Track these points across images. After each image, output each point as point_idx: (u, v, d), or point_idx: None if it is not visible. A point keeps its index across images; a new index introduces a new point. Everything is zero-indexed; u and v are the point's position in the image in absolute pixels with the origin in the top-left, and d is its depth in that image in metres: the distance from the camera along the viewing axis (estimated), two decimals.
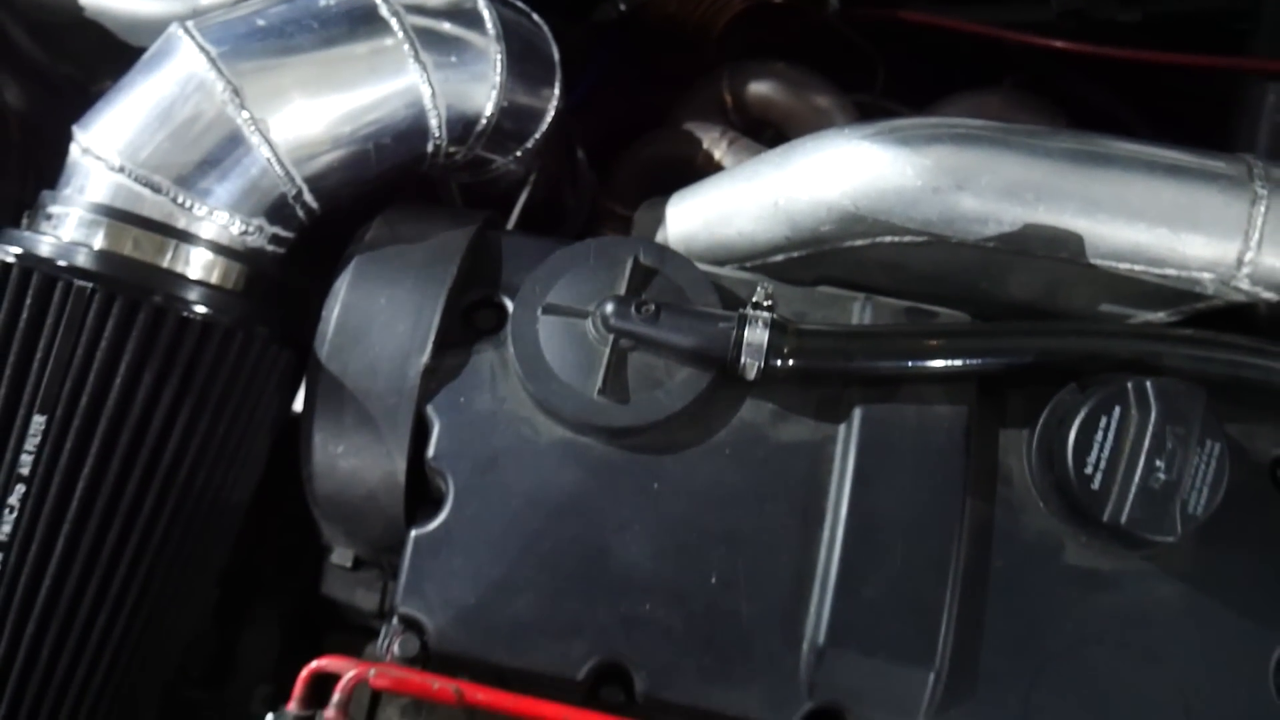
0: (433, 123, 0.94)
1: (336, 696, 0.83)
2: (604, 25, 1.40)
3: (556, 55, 1.05)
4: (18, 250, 0.82)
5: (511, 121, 1.01)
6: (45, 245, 0.83)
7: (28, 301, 0.80)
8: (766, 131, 1.26)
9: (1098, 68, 1.32)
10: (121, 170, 0.85)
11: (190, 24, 0.88)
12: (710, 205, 1.01)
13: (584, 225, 1.28)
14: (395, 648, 0.86)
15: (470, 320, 0.91)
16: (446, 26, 0.94)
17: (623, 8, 1.37)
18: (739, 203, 0.97)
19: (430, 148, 0.96)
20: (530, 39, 1.03)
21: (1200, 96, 1.24)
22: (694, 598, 0.83)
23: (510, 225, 1.13)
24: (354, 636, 1.08)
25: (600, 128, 1.37)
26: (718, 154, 1.17)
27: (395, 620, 0.87)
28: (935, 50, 1.39)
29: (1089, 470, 0.80)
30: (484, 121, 0.98)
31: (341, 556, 0.99)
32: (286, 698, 0.84)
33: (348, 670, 0.83)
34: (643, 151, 1.24)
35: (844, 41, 1.39)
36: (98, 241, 0.84)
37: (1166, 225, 0.85)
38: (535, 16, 1.05)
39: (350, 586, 1.03)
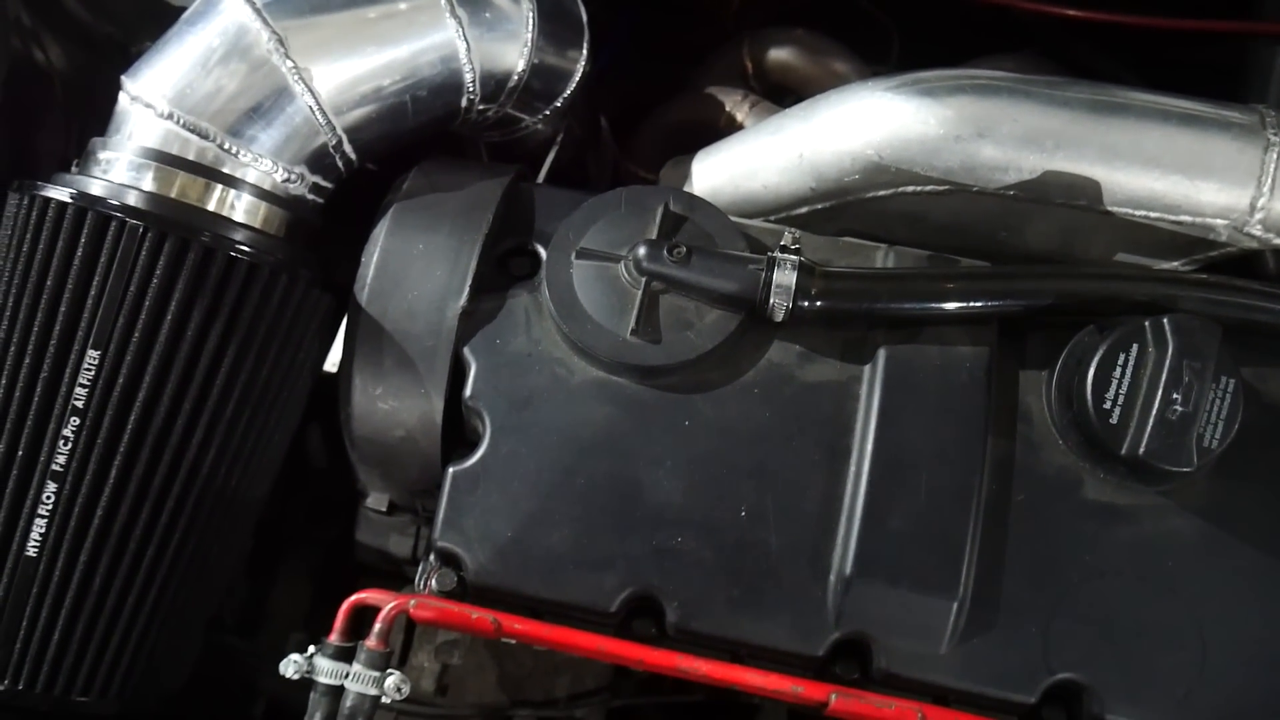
0: (467, 78, 0.97)
1: (378, 626, 0.86)
2: (627, 2, 1.43)
3: (585, 18, 1.08)
4: (71, 191, 0.84)
5: (541, 81, 1.04)
6: (96, 186, 0.86)
7: (82, 240, 0.82)
8: (787, 98, 1.29)
9: (1109, 38, 1.35)
10: (170, 117, 0.88)
11: None
12: (735, 160, 1.03)
13: (607, 189, 1.30)
14: (433, 581, 0.89)
15: (505, 266, 0.94)
16: None
17: None
18: (764, 157, 1.00)
19: (464, 103, 0.99)
20: (561, 1, 1.05)
21: (1209, 64, 1.27)
22: (724, 531, 0.85)
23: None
24: (387, 583, 1.11)
25: (620, 97, 1.40)
26: (740, 116, 1.20)
27: (432, 557, 0.90)
28: (949, 21, 1.41)
29: (1107, 405, 0.82)
30: (515, 79, 1.01)
31: (377, 501, 1.01)
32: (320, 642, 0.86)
33: (388, 602, 0.86)
34: (666, 116, 1.27)
35: (860, 14, 1.41)
36: (147, 184, 0.86)
37: (1182, 172, 0.88)
38: None
39: (384, 532, 1.05)
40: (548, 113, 1.08)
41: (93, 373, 0.82)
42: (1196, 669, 0.83)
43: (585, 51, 1.08)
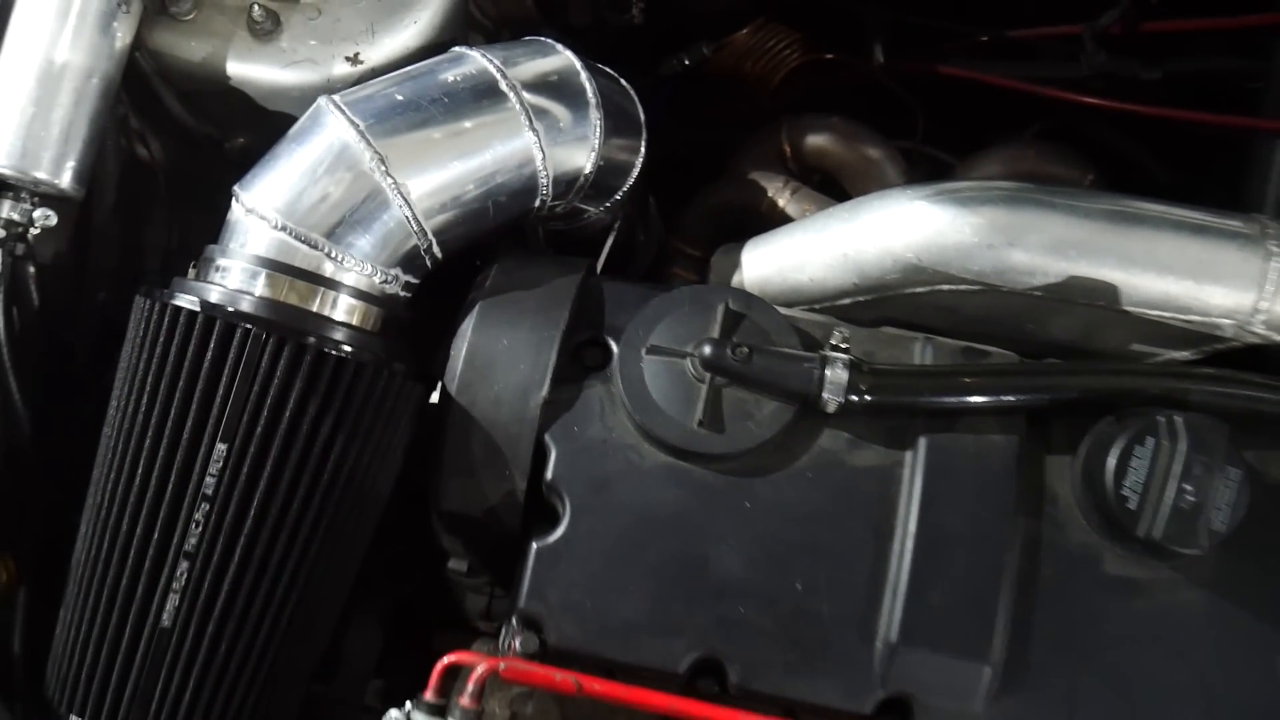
0: (542, 181, 1.07)
1: (471, 687, 0.95)
2: (668, 78, 1.53)
3: (643, 117, 1.18)
4: (197, 300, 0.94)
5: (604, 176, 1.13)
6: (215, 293, 0.96)
7: (211, 345, 0.92)
8: (815, 176, 1.38)
9: (1119, 118, 1.45)
10: (281, 229, 0.97)
11: (337, 98, 1.01)
12: (784, 253, 1.13)
13: (653, 262, 1.40)
14: (517, 644, 0.98)
15: (579, 357, 1.03)
16: (555, 98, 1.07)
17: (687, 62, 1.50)
18: (810, 252, 1.10)
19: (538, 203, 1.09)
20: (622, 104, 1.15)
21: (1216, 143, 1.37)
22: (781, 601, 0.95)
23: (599, 267, 1.25)
24: (458, 636, 1.20)
25: (659, 161, 1.49)
26: (781, 202, 1.29)
27: (515, 621, 1.00)
28: (970, 98, 1.51)
29: (1126, 492, 0.92)
30: (583, 178, 1.11)
31: (458, 563, 1.11)
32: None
33: (479, 663, 0.96)
34: (711, 198, 1.37)
35: (888, 92, 1.51)
36: (260, 289, 0.96)
37: (1192, 278, 0.98)
38: (624, 83, 1.17)
39: (462, 590, 1.15)
40: (609, 204, 1.18)
41: (221, 463, 0.92)
42: None
43: (643, 148, 1.18)
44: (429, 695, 0.96)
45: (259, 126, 1.12)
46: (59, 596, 1.00)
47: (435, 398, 1.04)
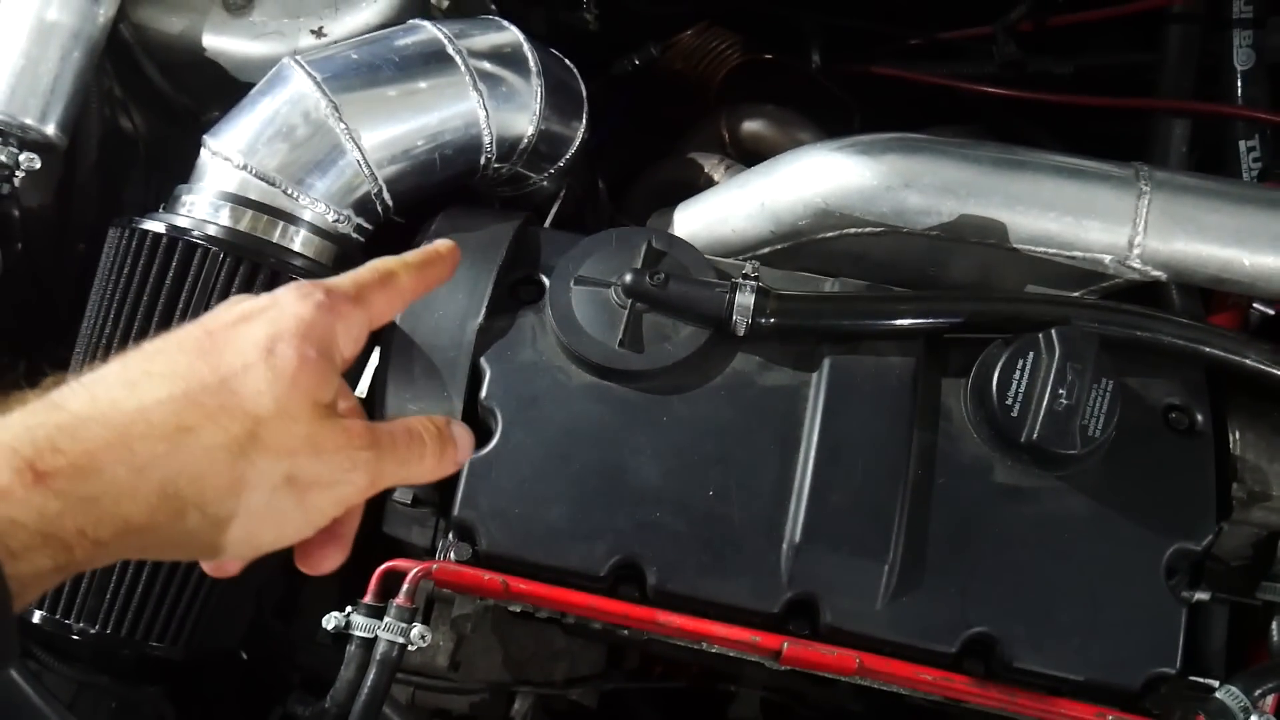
0: (485, 140, 1.17)
1: (406, 586, 1.02)
2: (619, 78, 1.65)
3: (584, 92, 1.29)
4: (164, 224, 1.04)
5: (546, 144, 1.24)
6: (182, 221, 1.06)
7: (173, 264, 1.01)
8: (752, 160, 1.49)
9: (1041, 114, 1.56)
10: (244, 167, 1.08)
11: (299, 58, 1.12)
12: (709, 210, 1.23)
13: None
14: (452, 553, 1.06)
15: (515, 293, 1.12)
16: (499, 65, 1.18)
17: (636, 63, 1.63)
18: (732, 206, 1.20)
19: (482, 160, 1.19)
20: (564, 78, 1.26)
21: (1124, 135, 1.47)
22: (695, 507, 1.02)
23: None
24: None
25: (618, 164, 1.61)
26: (716, 176, 1.40)
27: (450, 535, 1.07)
28: (903, 100, 1.63)
29: (1009, 402, 1.00)
30: (525, 142, 1.21)
31: (402, 494, 1.18)
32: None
33: (414, 568, 1.03)
34: (654, 176, 1.47)
35: (825, 93, 1.63)
36: (223, 219, 1.06)
37: (1072, 215, 1.07)
38: (568, 62, 1.29)
39: (408, 523, 1.21)
40: (551, 172, 1.28)
41: None
42: (1090, 622, 0.99)
43: (584, 121, 1.28)
44: (367, 599, 1.03)
45: (232, 99, 1.22)
46: None
47: None
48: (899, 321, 1.06)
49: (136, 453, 0.57)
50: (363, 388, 1.27)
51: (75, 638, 1.02)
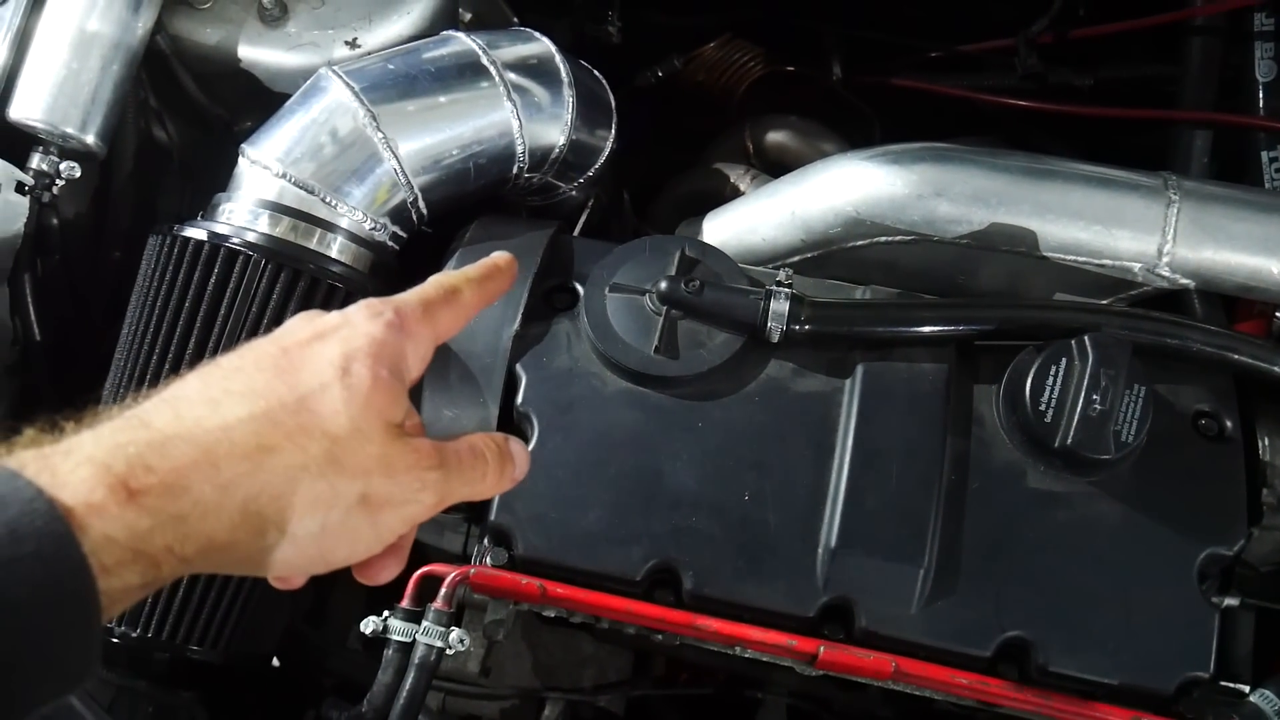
0: (519, 150, 1.19)
1: (444, 590, 1.03)
2: (643, 90, 1.66)
3: (613, 103, 1.30)
4: (205, 230, 1.05)
5: (576, 155, 1.25)
6: (222, 228, 1.07)
7: (215, 270, 1.02)
8: (782, 173, 1.50)
9: (1060, 126, 1.58)
10: (283, 176, 1.09)
11: (336, 68, 1.13)
12: (739, 219, 1.25)
13: None
14: (488, 558, 1.06)
15: (549, 301, 1.13)
16: (532, 76, 1.19)
17: (659, 74, 1.64)
18: (762, 215, 1.21)
19: (514, 170, 1.20)
20: (594, 89, 1.28)
21: (1144, 148, 1.49)
22: (730, 511, 1.03)
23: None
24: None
25: (639, 175, 1.62)
26: (742, 186, 1.41)
27: (486, 540, 1.08)
28: (924, 112, 1.64)
29: (1042, 408, 1.01)
30: (556, 152, 1.22)
31: None
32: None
33: (451, 572, 1.04)
34: (679, 186, 1.49)
35: (846, 104, 1.64)
36: (262, 226, 1.07)
37: (1101, 223, 1.09)
38: (597, 73, 1.30)
39: (440, 529, 1.23)
40: (580, 181, 1.30)
41: None
42: (1123, 627, 1.00)
43: (613, 131, 1.30)
44: (404, 603, 1.04)
45: (266, 110, 1.23)
46: None
47: None
48: (932, 328, 1.07)
49: (221, 471, 0.58)
50: None
51: (115, 640, 1.02)
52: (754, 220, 1.22)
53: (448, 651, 1.02)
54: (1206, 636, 1.00)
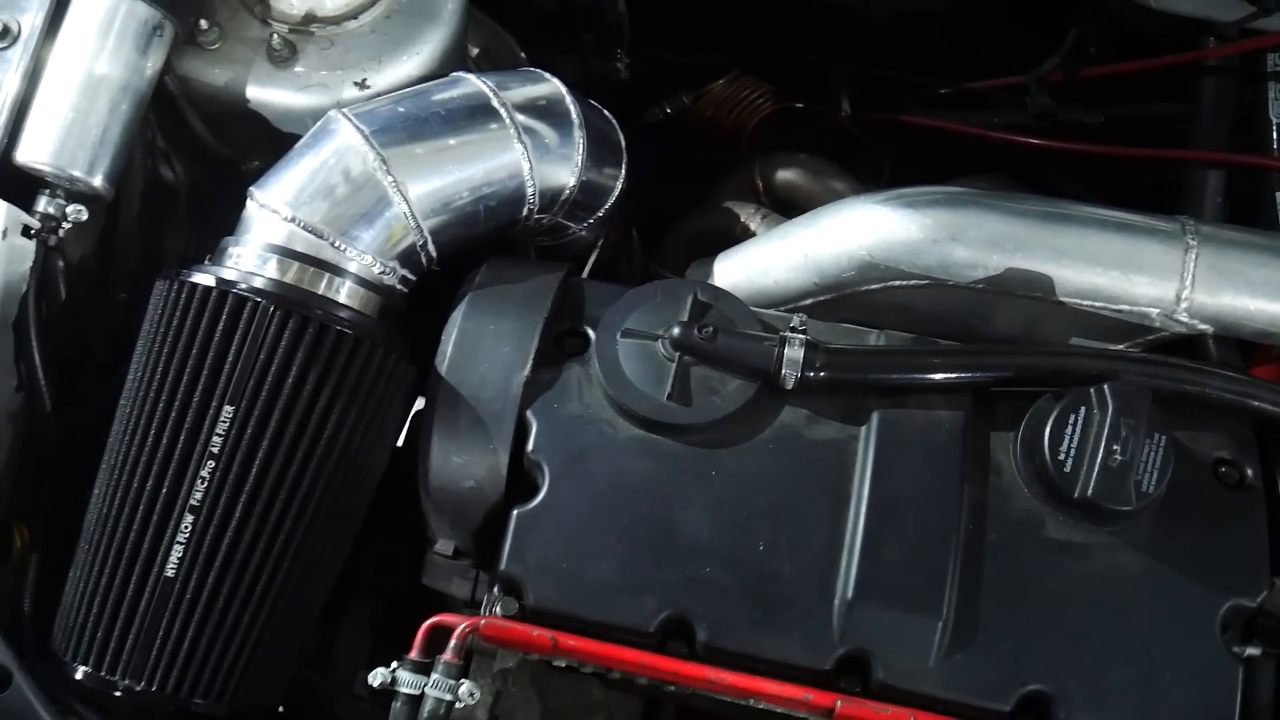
0: (529, 192, 1.17)
1: (454, 642, 1.01)
2: (651, 126, 1.66)
3: (623, 143, 1.29)
4: (212, 276, 1.04)
5: (586, 195, 1.24)
6: (229, 274, 1.06)
7: (223, 317, 1.01)
8: (794, 211, 1.49)
9: (1069, 163, 1.57)
10: (291, 220, 1.08)
11: (346, 110, 1.12)
12: (751, 261, 1.23)
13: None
14: (498, 608, 1.05)
15: (560, 345, 1.12)
16: (542, 117, 1.18)
17: (668, 110, 1.64)
18: (774, 257, 1.20)
19: (524, 211, 1.19)
20: (604, 129, 1.27)
21: (1155, 185, 1.48)
22: (745, 562, 1.02)
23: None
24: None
25: (646, 210, 1.61)
26: (753, 226, 1.40)
27: (496, 589, 1.06)
28: (933, 148, 1.63)
29: (1061, 457, 1.00)
30: (566, 193, 1.21)
31: (444, 546, 1.17)
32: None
33: (461, 623, 1.02)
34: (688, 225, 1.47)
35: (855, 141, 1.63)
36: (270, 271, 1.06)
37: (1119, 269, 1.07)
38: (607, 113, 1.29)
39: (448, 575, 1.21)
40: (590, 222, 1.28)
41: (227, 424, 1.00)
42: (1145, 681, 0.98)
43: (623, 170, 1.29)
44: (413, 654, 1.02)
45: (273, 149, 1.22)
46: (68, 564, 1.07)
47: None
48: (948, 375, 1.06)
49: None
50: (401, 438, 1.27)
51: (118, 694, 1.00)
52: (766, 262, 1.21)
53: (457, 705, 1.00)
54: (1230, 690, 0.99)
